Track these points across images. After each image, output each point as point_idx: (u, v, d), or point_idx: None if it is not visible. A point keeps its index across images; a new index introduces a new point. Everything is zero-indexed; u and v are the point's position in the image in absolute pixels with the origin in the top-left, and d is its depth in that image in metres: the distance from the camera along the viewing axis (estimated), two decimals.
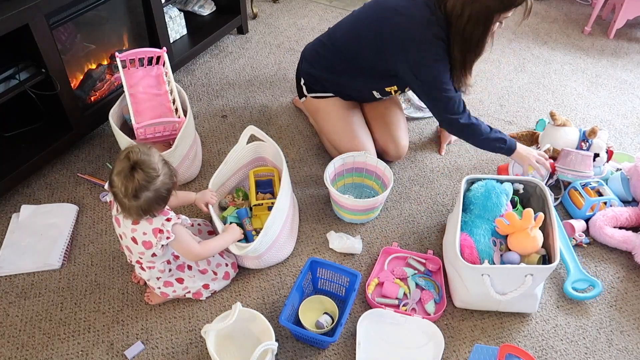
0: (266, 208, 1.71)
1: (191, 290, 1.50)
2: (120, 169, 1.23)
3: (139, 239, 1.33)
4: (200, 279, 1.50)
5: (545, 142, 1.95)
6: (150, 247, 1.33)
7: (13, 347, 1.43)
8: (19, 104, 1.84)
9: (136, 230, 1.33)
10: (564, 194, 1.85)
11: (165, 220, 1.32)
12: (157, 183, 1.25)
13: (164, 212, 1.34)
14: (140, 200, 1.24)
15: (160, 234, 1.31)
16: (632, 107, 2.38)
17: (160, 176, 1.26)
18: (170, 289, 1.47)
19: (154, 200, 1.26)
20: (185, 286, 1.48)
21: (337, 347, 1.45)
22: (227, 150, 1.79)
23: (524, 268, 1.39)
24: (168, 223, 1.32)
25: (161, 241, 1.32)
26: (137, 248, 1.35)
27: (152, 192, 1.25)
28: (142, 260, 1.40)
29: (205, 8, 2.68)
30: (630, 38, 2.91)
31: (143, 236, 1.32)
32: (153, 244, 1.33)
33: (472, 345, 1.45)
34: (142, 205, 1.25)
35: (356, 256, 1.70)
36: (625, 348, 1.47)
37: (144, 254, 1.36)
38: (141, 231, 1.32)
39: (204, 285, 1.51)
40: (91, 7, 1.90)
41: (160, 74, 1.91)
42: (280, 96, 2.38)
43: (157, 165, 1.26)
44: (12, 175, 1.78)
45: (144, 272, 1.42)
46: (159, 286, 1.46)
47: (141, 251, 1.35)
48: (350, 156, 1.85)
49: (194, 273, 1.49)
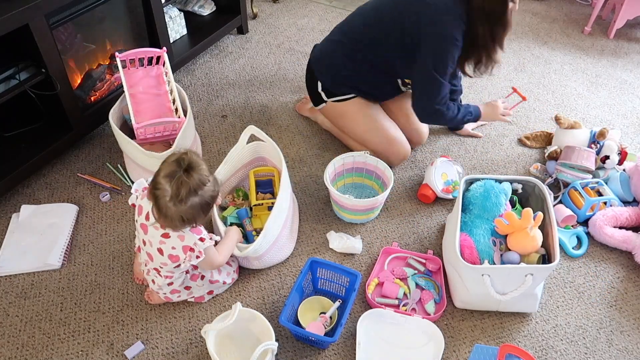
0: (266, 208, 1.71)
1: (195, 295, 1.50)
2: (171, 171, 1.19)
3: (165, 251, 1.30)
4: (208, 287, 1.51)
5: (555, 145, 1.96)
6: (177, 261, 1.31)
7: (13, 347, 1.44)
8: (19, 104, 1.84)
9: (165, 243, 1.29)
10: (564, 194, 1.85)
11: (198, 239, 1.29)
12: (205, 189, 1.23)
13: (196, 230, 1.30)
14: (187, 205, 1.19)
15: (191, 252, 1.29)
16: (632, 107, 2.38)
17: (210, 182, 1.25)
18: (176, 295, 1.47)
19: (199, 207, 1.23)
20: (190, 292, 1.48)
21: (337, 347, 1.45)
22: (227, 150, 1.79)
23: (524, 268, 1.39)
24: (201, 243, 1.29)
25: (191, 260, 1.30)
26: (160, 259, 1.32)
27: (199, 198, 1.21)
28: (160, 269, 1.37)
29: (205, 8, 2.68)
30: (630, 38, 2.91)
31: (171, 250, 1.30)
32: (180, 259, 1.30)
33: (472, 345, 1.45)
34: (186, 212, 1.21)
35: (356, 256, 1.70)
36: (625, 348, 1.47)
37: (166, 265, 1.33)
38: (170, 245, 1.29)
39: (208, 292, 1.52)
40: (91, 7, 1.90)
41: (160, 74, 1.91)
42: (280, 96, 2.38)
43: (208, 172, 1.25)
44: (12, 175, 1.78)
45: (159, 278, 1.39)
46: (165, 292, 1.44)
47: (164, 262, 1.32)
48: (350, 156, 1.85)
49: (204, 283, 1.48)
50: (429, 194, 1.84)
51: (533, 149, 2.12)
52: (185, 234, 1.29)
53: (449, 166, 1.89)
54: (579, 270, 1.67)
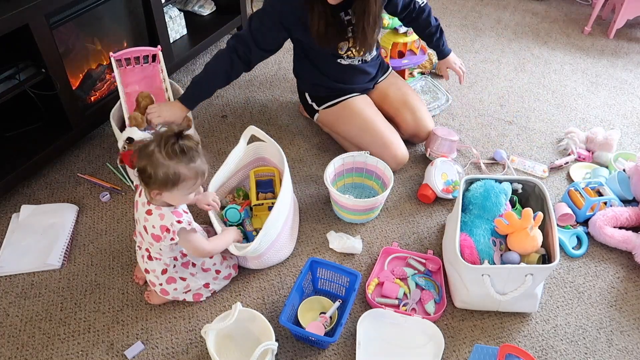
0: (266, 208, 1.71)
1: (192, 290, 1.50)
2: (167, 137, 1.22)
3: (149, 229, 1.34)
4: (202, 277, 1.50)
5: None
6: (159, 241, 1.35)
7: (13, 347, 1.44)
8: (19, 104, 1.84)
9: (148, 220, 1.34)
10: (564, 194, 1.85)
11: (175, 221, 1.31)
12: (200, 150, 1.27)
13: (177, 212, 1.33)
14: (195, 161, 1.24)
15: (167, 233, 1.32)
16: (632, 107, 2.38)
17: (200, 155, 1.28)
18: (172, 287, 1.47)
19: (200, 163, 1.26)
20: (187, 284, 1.48)
21: (337, 347, 1.45)
22: (227, 150, 1.79)
23: (524, 268, 1.39)
24: (177, 225, 1.31)
25: (165, 240, 1.32)
26: (147, 237, 1.37)
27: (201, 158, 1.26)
28: (150, 250, 1.41)
29: (205, 8, 2.68)
30: (630, 38, 2.91)
31: (152, 229, 1.33)
32: (161, 239, 1.34)
33: (472, 345, 1.45)
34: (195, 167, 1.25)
35: (356, 256, 1.70)
36: (625, 348, 1.47)
37: (153, 245, 1.38)
38: (151, 223, 1.33)
39: (204, 284, 1.51)
40: (91, 7, 1.90)
41: (156, 72, 1.91)
42: (280, 96, 2.38)
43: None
44: (12, 175, 1.78)
45: (151, 262, 1.42)
46: (160, 282, 1.45)
47: (150, 241, 1.37)
48: (350, 156, 1.85)
49: (197, 271, 1.49)
50: (429, 194, 1.84)
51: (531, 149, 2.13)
52: (165, 213, 1.32)
53: (449, 166, 1.89)
54: (579, 270, 1.67)
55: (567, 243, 1.71)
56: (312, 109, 2.02)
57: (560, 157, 2.08)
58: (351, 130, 1.95)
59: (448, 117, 2.29)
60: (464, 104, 2.37)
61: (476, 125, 2.25)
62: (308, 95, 2.02)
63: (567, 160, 2.04)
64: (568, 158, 2.05)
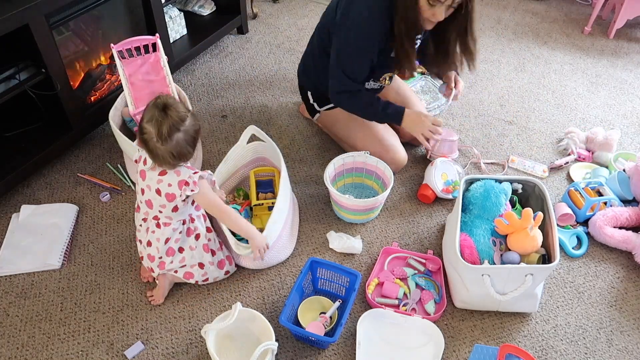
0: (266, 208, 1.71)
1: (187, 265, 1.49)
2: (151, 115, 1.28)
3: (163, 190, 1.36)
4: (199, 255, 1.50)
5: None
6: (173, 200, 1.37)
7: (13, 347, 1.44)
8: (19, 104, 1.84)
9: (162, 182, 1.36)
10: (564, 194, 1.85)
11: (192, 173, 1.36)
12: (186, 124, 1.30)
13: (191, 167, 1.38)
14: (173, 141, 1.27)
15: (186, 186, 1.35)
16: (632, 107, 2.38)
17: (189, 117, 1.32)
18: (169, 259, 1.47)
19: (185, 141, 1.30)
20: (183, 257, 1.48)
21: (337, 347, 1.45)
22: (227, 150, 1.79)
23: (524, 268, 1.39)
24: (195, 175, 1.36)
25: (186, 192, 1.35)
26: (159, 200, 1.38)
27: (183, 133, 1.29)
28: (160, 216, 1.42)
29: (205, 8, 2.68)
30: (630, 38, 2.91)
31: (168, 187, 1.36)
32: (177, 196, 1.36)
33: (472, 345, 1.45)
34: (174, 148, 1.28)
35: (356, 256, 1.70)
36: (625, 348, 1.47)
37: (165, 207, 1.39)
38: (167, 182, 1.36)
39: (199, 263, 1.51)
40: (91, 7, 1.90)
41: (157, 61, 1.90)
42: (280, 96, 2.38)
43: (183, 107, 1.32)
44: (12, 175, 1.78)
45: (158, 229, 1.44)
46: (160, 255, 1.45)
47: (163, 204, 1.38)
48: (350, 156, 1.85)
49: (198, 244, 1.49)
50: (429, 194, 1.84)
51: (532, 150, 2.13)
52: (181, 169, 1.37)
53: (449, 166, 1.89)
54: (579, 270, 1.67)
55: (567, 243, 1.71)
56: (314, 108, 2.02)
57: (560, 157, 2.08)
58: (350, 134, 1.94)
59: (448, 117, 2.29)
60: (464, 104, 2.37)
61: (476, 125, 2.25)
62: (311, 95, 2.01)
63: (567, 160, 2.04)
64: (568, 158, 2.05)
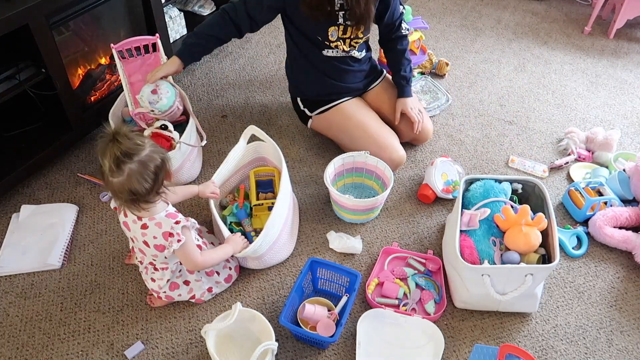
0: (266, 208, 1.71)
1: (195, 295, 1.50)
2: (100, 146, 1.18)
3: (150, 243, 1.32)
4: (206, 282, 1.50)
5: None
6: (163, 250, 1.33)
7: (13, 347, 1.44)
8: (19, 104, 1.84)
9: (146, 235, 1.31)
10: (564, 194, 1.85)
11: (174, 223, 1.30)
12: (142, 154, 1.19)
13: (171, 215, 1.32)
14: (124, 173, 1.17)
15: (171, 238, 1.30)
16: (632, 107, 2.38)
17: (146, 148, 1.21)
18: (176, 292, 1.46)
19: (139, 174, 1.18)
20: (190, 289, 1.48)
21: (337, 347, 1.45)
22: (227, 150, 1.79)
23: (524, 268, 1.39)
24: (177, 226, 1.30)
25: (172, 245, 1.30)
26: (150, 251, 1.35)
27: (136, 164, 1.17)
28: (155, 262, 1.40)
29: (205, 8, 2.67)
30: (630, 38, 2.91)
31: (154, 240, 1.31)
32: (166, 247, 1.32)
33: (472, 345, 1.45)
34: (127, 182, 1.17)
35: (356, 256, 1.70)
36: (625, 348, 1.47)
37: (157, 256, 1.36)
38: (151, 235, 1.31)
39: (208, 289, 1.52)
40: (91, 7, 1.90)
41: (158, 61, 1.91)
42: (280, 96, 2.38)
43: (140, 139, 1.21)
44: (12, 175, 1.78)
45: (157, 272, 1.42)
46: (164, 290, 1.45)
47: (154, 254, 1.35)
48: (350, 156, 1.85)
49: (201, 276, 1.48)
50: (429, 194, 1.84)
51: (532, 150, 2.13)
52: (161, 220, 1.30)
53: (449, 166, 1.89)
54: (579, 270, 1.67)
55: (567, 243, 1.71)
56: (305, 115, 2.00)
57: (560, 157, 2.08)
58: (345, 137, 1.94)
59: (448, 117, 2.29)
60: (464, 104, 2.37)
61: (476, 125, 2.25)
62: (300, 100, 1.99)
63: (567, 160, 2.04)
64: (568, 158, 2.05)
